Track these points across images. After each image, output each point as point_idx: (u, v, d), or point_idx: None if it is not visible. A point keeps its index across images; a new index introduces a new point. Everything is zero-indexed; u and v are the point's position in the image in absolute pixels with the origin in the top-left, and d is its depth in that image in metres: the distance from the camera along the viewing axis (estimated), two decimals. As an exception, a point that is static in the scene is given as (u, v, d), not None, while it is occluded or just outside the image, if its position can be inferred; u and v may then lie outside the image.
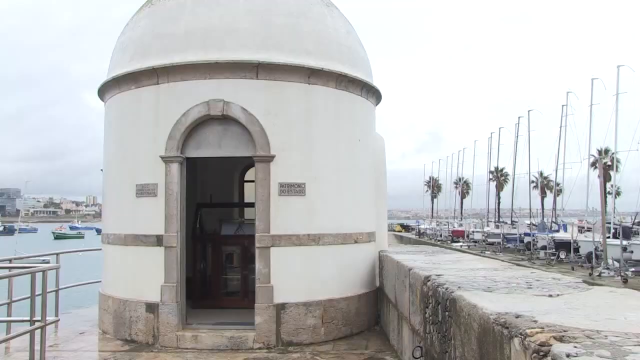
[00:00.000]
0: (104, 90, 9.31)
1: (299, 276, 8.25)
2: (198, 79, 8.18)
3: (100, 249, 9.60)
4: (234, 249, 10.58)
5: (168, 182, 8.21)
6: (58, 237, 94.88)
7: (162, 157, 8.22)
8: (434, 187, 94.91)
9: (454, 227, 67.53)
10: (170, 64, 8.18)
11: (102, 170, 9.51)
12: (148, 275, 8.23)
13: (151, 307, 8.12)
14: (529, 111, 55.11)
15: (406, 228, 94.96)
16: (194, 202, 10.61)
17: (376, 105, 10.22)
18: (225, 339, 7.88)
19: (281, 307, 8.04)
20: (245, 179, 12.96)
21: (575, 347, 2.22)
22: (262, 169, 8.20)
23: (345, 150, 8.90)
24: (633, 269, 27.27)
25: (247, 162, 11.28)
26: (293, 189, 8.24)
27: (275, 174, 8.18)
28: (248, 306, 8.46)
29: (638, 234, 33.16)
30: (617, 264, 27.33)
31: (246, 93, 8.19)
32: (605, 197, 33.68)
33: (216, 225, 11.26)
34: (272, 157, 8.16)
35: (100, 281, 9.44)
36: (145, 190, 8.34)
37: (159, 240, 8.19)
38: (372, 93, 9.72)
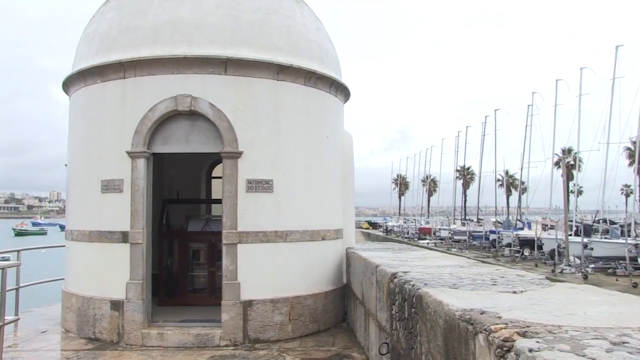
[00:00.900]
0: (68, 84, 9.13)
1: (266, 273, 8.22)
2: (166, 74, 8.08)
3: (63, 246, 9.42)
4: (201, 245, 10.49)
5: (134, 177, 8.10)
6: (19, 233, 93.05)
7: (128, 153, 8.10)
8: (402, 184, 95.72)
9: (420, 224, 68.26)
10: (138, 58, 8.07)
11: (66, 165, 9.33)
12: (113, 272, 8.11)
13: (116, 305, 8.00)
14: (495, 110, 56.22)
15: (374, 225, 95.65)
16: (161, 198, 10.50)
17: (345, 102, 10.24)
18: (192, 337, 7.82)
19: (248, 304, 8.00)
20: (213, 175, 12.89)
21: (537, 342, 2.27)
22: (230, 165, 8.15)
23: (314, 147, 8.90)
24: (593, 266, 27.99)
25: (215, 158, 11.22)
26: (261, 186, 8.21)
27: (243, 170, 8.14)
28: (215, 303, 8.41)
29: (598, 232, 33.94)
30: (578, 261, 27.96)
31: (214, 88, 8.12)
32: (568, 195, 34.41)
33: (183, 221, 11.15)
34: (240, 153, 8.12)
35: (63, 279, 9.26)
36: (110, 186, 8.21)
37: (124, 237, 8.07)
38: (340, 90, 9.73)
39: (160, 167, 10.80)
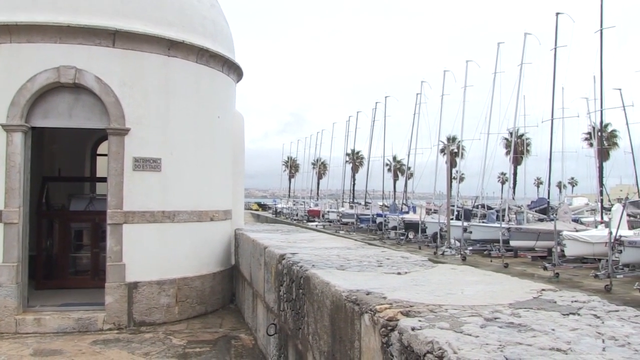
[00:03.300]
0: None
1: (153, 254, 8.02)
2: (47, 42, 7.58)
3: None
4: (84, 225, 10.05)
5: (10, 152, 7.56)
6: None
7: (3, 126, 7.54)
8: (292, 167, 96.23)
9: (310, 206, 69.00)
10: (14, 22, 7.49)
11: None
12: (-16, 254, 7.56)
13: (-13, 288, 7.48)
14: (385, 97, 57.56)
15: (263, 207, 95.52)
16: (41, 175, 9.92)
17: (237, 82, 10.13)
18: (72, 321, 7.49)
19: (133, 286, 7.77)
20: (98, 152, 12.36)
21: (419, 320, 2.36)
22: (116, 142, 7.83)
23: (204, 126, 8.75)
24: (471, 248, 29.59)
25: (101, 135, 10.76)
26: (148, 164, 7.96)
27: (129, 148, 7.85)
28: (98, 286, 8.12)
29: (477, 216, 35.94)
30: (458, 244, 29.49)
31: (101, 61, 7.74)
32: (451, 181, 36.03)
33: (65, 200, 10.61)
34: (127, 130, 7.81)
35: None
36: (-18, 161, 7.62)
37: (-3, 216, 7.54)
38: (233, 69, 9.60)
39: (41, 142, 10.20)
